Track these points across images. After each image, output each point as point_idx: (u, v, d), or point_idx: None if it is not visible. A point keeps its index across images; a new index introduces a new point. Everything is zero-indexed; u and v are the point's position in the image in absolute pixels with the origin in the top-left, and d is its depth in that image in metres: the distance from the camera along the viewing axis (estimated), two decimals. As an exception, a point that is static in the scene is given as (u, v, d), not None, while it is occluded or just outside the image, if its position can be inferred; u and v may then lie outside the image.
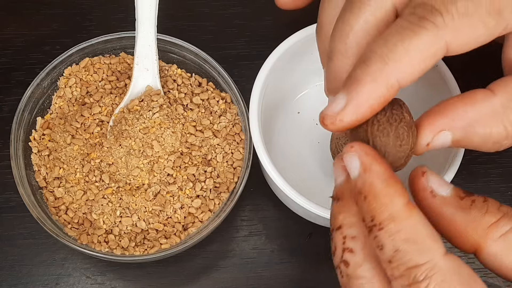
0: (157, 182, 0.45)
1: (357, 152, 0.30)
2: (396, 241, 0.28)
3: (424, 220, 0.28)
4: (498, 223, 0.29)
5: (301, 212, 0.45)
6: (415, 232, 0.28)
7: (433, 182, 0.30)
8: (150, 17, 0.46)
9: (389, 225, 0.28)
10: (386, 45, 0.28)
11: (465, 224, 0.29)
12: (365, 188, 0.29)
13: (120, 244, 0.44)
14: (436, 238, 0.28)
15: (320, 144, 0.48)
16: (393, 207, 0.28)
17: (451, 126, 0.31)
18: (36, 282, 0.47)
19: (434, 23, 0.28)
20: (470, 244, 0.29)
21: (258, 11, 0.55)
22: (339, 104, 0.29)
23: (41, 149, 0.46)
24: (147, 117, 0.45)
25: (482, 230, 0.29)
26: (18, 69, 0.52)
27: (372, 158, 0.29)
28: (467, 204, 0.30)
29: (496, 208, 0.29)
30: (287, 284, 0.47)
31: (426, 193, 0.30)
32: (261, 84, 0.43)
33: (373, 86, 0.28)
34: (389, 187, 0.29)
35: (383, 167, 0.29)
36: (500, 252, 0.29)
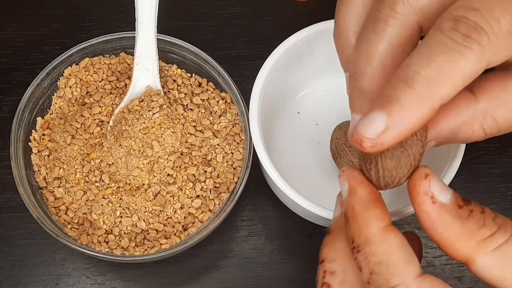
0: (157, 182, 0.45)
1: (346, 176, 0.31)
2: (371, 263, 0.29)
3: (400, 243, 0.29)
4: (493, 236, 0.29)
5: (301, 212, 0.45)
6: (388, 255, 0.29)
7: (434, 187, 0.30)
8: (150, 17, 0.46)
9: (365, 248, 0.29)
10: (431, 66, 0.27)
11: (461, 234, 0.29)
12: (348, 210, 0.30)
13: (120, 244, 0.44)
14: (410, 260, 0.29)
15: (320, 144, 0.48)
16: (369, 231, 0.29)
17: (436, 138, 0.32)
18: (36, 282, 0.47)
19: (480, 43, 0.27)
20: (462, 255, 0.29)
21: (258, 11, 0.55)
22: (379, 126, 0.28)
23: (41, 149, 0.46)
24: (147, 117, 0.45)
25: (477, 243, 0.29)
26: (18, 69, 0.52)
27: (357, 182, 0.30)
28: (465, 214, 0.29)
29: (492, 221, 0.29)
30: (287, 284, 0.47)
31: (426, 198, 0.30)
32: (261, 84, 0.43)
33: (418, 109, 0.27)
34: (368, 211, 0.30)
35: (367, 191, 0.30)
36: (492, 264, 0.29)
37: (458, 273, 0.47)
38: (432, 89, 0.27)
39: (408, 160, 0.30)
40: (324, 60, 0.48)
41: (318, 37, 0.45)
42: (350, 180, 0.31)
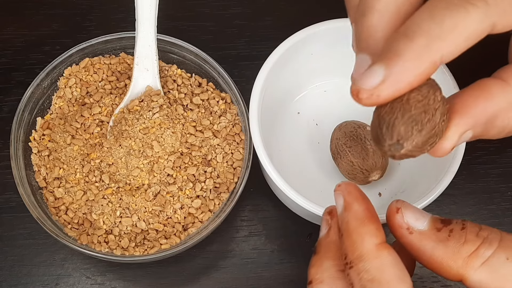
0: (157, 183, 0.45)
1: (342, 191, 0.31)
2: (363, 280, 0.29)
3: (393, 260, 0.29)
4: (477, 251, 0.29)
5: (301, 212, 0.45)
6: (381, 272, 0.28)
7: (409, 218, 0.30)
8: (150, 17, 0.46)
9: (358, 264, 0.29)
10: (433, 19, 0.26)
11: (445, 256, 0.29)
12: (343, 226, 0.30)
13: (120, 245, 0.44)
14: (403, 279, 0.28)
15: (320, 144, 0.48)
16: (363, 247, 0.29)
17: (473, 126, 0.30)
18: (36, 282, 0.47)
19: (486, 1, 0.26)
20: (453, 275, 0.29)
21: (258, 11, 0.55)
22: (377, 78, 0.27)
23: (41, 149, 0.46)
24: (147, 117, 0.45)
25: (462, 261, 0.29)
26: (18, 69, 0.52)
27: (354, 198, 0.30)
28: (444, 236, 0.30)
29: (474, 235, 0.29)
30: (287, 284, 0.47)
31: (403, 230, 0.30)
32: (261, 84, 0.43)
33: (417, 62, 0.27)
34: (363, 226, 0.29)
35: (363, 206, 0.30)
36: (485, 279, 0.29)
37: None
38: (432, 43, 0.26)
39: (428, 118, 0.28)
40: (324, 60, 0.48)
41: (318, 37, 0.45)
42: (346, 195, 0.30)
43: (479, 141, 0.51)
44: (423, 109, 0.28)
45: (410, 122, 0.28)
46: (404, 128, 0.28)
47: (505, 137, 0.32)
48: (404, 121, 0.28)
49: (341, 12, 0.45)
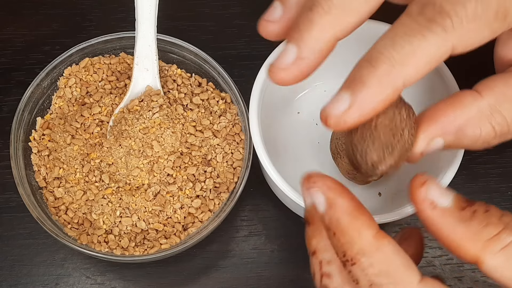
0: (157, 182, 0.45)
1: (320, 188, 0.29)
2: (369, 275, 0.28)
3: (395, 248, 0.28)
4: (499, 236, 0.28)
5: (301, 212, 0.45)
6: (386, 263, 0.28)
7: (433, 193, 0.29)
8: (150, 17, 0.46)
9: (360, 260, 0.28)
10: (394, 47, 0.28)
11: (465, 236, 0.29)
12: (332, 224, 0.29)
13: (120, 244, 0.44)
14: (409, 265, 0.28)
15: (320, 144, 0.48)
16: (361, 241, 0.28)
17: (443, 133, 0.31)
18: (36, 282, 0.47)
19: (443, 27, 0.27)
20: (470, 256, 0.29)
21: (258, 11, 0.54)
22: (343, 104, 0.28)
23: (41, 149, 0.46)
24: (147, 117, 0.45)
25: (482, 243, 0.28)
26: (18, 69, 0.52)
27: (336, 193, 0.29)
28: (467, 216, 0.29)
29: (497, 219, 0.29)
30: (287, 284, 0.47)
31: (426, 205, 0.29)
32: (261, 84, 0.43)
33: (380, 88, 0.28)
34: (356, 220, 0.29)
35: (347, 199, 0.29)
36: (501, 265, 0.28)
37: (458, 273, 0.47)
38: (394, 69, 0.27)
39: (397, 139, 0.29)
40: (324, 60, 0.48)
41: (318, 37, 0.45)
42: (326, 191, 0.29)
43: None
44: (391, 132, 0.29)
45: (381, 148, 0.29)
46: (377, 155, 0.29)
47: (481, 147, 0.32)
48: (375, 148, 0.29)
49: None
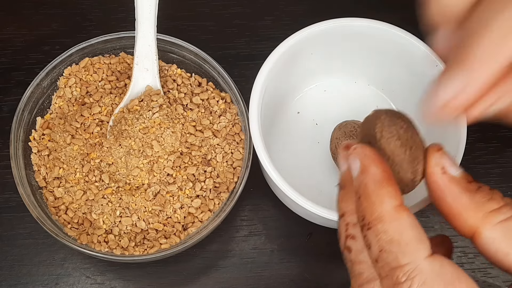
0: (157, 182, 0.45)
1: (358, 154, 0.30)
2: (381, 241, 0.29)
3: (413, 222, 0.29)
4: (499, 209, 0.29)
5: (301, 212, 0.45)
6: (400, 233, 0.28)
7: (446, 161, 0.30)
8: (150, 17, 0.46)
9: (376, 225, 0.29)
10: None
11: (468, 205, 0.29)
12: (360, 188, 0.30)
13: (120, 244, 0.44)
14: (422, 240, 0.29)
15: (320, 144, 0.48)
16: (382, 208, 0.29)
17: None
18: (36, 282, 0.47)
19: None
20: (468, 227, 0.29)
21: (258, 11, 0.55)
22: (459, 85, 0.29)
23: (41, 149, 0.46)
24: (147, 117, 0.45)
25: (483, 214, 0.29)
26: (18, 69, 0.52)
27: (371, 160, 0.30)
28: (473, 188, 0.30)
29: (500, 197, 0.30)
30: (287, 284, 0.47)
31: (436, 168, 0.30)
32: (261, 84, 0.43)
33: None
34: (382, 188, 0.29)
35: (380, 169, 0.30)
36: (498, 237, 0.29)
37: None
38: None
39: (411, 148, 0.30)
40: (324, 60, 0.48)
41: (318, 37, 0.45)
42: (362, 158, 0.30)
43: (479, 140, 0.51)
44: (408, 146, 0.30)
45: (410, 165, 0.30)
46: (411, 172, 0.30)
47: (505, 135, 0.32)
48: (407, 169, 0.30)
49: (341, 12, 0.45)
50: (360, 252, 0.30)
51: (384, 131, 0.30)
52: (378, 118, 0.30)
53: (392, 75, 0.48)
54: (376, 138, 0.30)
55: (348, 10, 0.45)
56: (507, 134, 0.51)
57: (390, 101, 0.49)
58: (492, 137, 0.51)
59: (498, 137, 0.51)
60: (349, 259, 0.31)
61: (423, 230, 0.29)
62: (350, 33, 0.45)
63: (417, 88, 0.46)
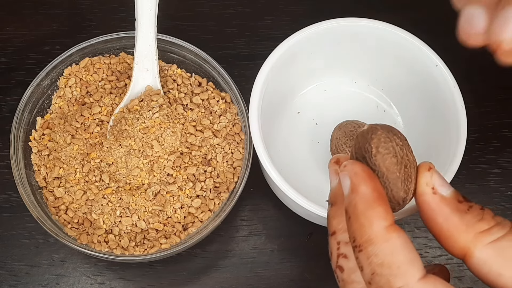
0: (157, 182, 0.45)
1: (348, 172, 0.30)
2: (373, 264, 0.28)
3: (403, 242, 0.28)
4: (490, 230, 0.29)
5: (301, 212, 0.45)
6: (391, 256, 0.28)
7: (436, 180, 0.30)
8: (150, 17, 0.46)
9: (367, 248, 0.28)
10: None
11: (459, 225, 0.29)
12: (349, 208, 0.29)
13: (120, 244, 0.44)
14: (414, 261, 0.28)
15: (320, 144, 0.48)
16: (372, 230, 0.28)
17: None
18: (36, 282, 0.47)
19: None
20: (460, 248, 0.29)
21: (258, 11, 0.55)
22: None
23: (41, 149, 0.46)
24: (147, 117, 0.45)
25: (474, 235, 0.29)
26: (18, 69, 0.52)
27: (361, 179, 0.29)
28: (464, 208, 0.30)
29: (491, 217, 0.29)
30: (287, 284, 0.47)
31: (427, 188, 0.30)
32: (261, 84, 0.43)
33: None
34: (371, 209, 0.29)
35: (370, 188, 0.29)
36: (490, 258, 0.29)
37: (458, 273, 0.47)
38: None
39: (405, 167, 0.30)
40: (324, 60, 0.48)
41: (318, 37, 0.45)
42: (352, 176, 0.30)
43: (479, 140, 0.51)
44: (402, 165, 0.30)
45: (403, 183, 0.30)
46: (403, 191, 0.30)
47: (505, 135, 0.32)
48: (400, 187, 0.30)
49: (341, 12, 0.45)
50: (353, 271, 0.30)
51: (380, 147, 0.30)
52: (374, 133, 0.30)
53: (392, 75, 0.48)
54: (372, 153, 0.30)
55: (348, 10, 0.45)
56: (507, 134, 0.51)
57: (390, 101, 0.49)
58: (492, 137, 0.51)
59: (498, 137, 0.51)
60: (341, 279, 0.31)
61: (415, 250, 0.29)
62: (350, 33, 0.45)
63: (417, 88, 0.46)
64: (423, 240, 0.48)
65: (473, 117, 0.44)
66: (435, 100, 0.45)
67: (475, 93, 0.51)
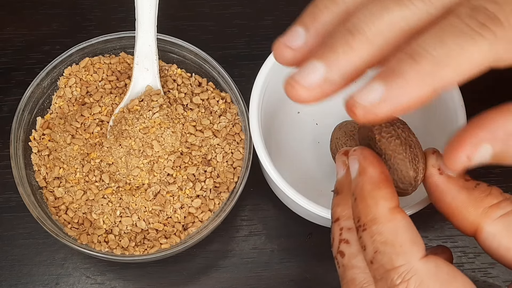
0: (157, 182, 0.45)
1: (357, 156, 0.31)
2: (376, 242, 0.29)
3: (407, 224, 0.29)
4: (499, 204, 0.29)
5: (301, 212, 0.45)
6: (394, 235, 0.28)
7: (442, 162, 0.31)
8: (150, 17, 0.46)
9: (371, 227, 0.29)
10: (442, 46, 0.26)
11: (467, 202, 0.30)
12: (356, 190, 0.30)
13: (120, 244, 0.44)
14: (416, 242, 0.29)
15: (320, 144, 0.48)
16: (377, 210, 0.29)
17: (491, 138, 0.29)
18: (36, 282, 0.47)
19: (494, 33, 0.26)
20: (470, 224, 0.30)
21: (258, 11, 0.55)
22: (375, 95, 0.27)
23: (41, 149, 0.46)
24: (147, 117, 0.45)
25: (483, 209, 0.29)
26: (18, 69, 0.52)
27: (369, 162, 0.30)
28: (471, 185, 0.30)
29: (499, 193, 0.30)
30: (287, 284, 0.47)
31: (434, 170, 0.31)
32: (261, 84, 0.43)
33: (419, 85, 0.26)
34: (378, 190, 0.29)
35: (378, 171, 0.30)
36: (499, 232, 0.29)
37: (458, 273, 0.47)
38: (437, 68, 0.26)
39: (410, 147, 0.30)
40: (324, 60, 0.47)
41: (318, 37, 0.45)
42: (361, 160, 0.30)
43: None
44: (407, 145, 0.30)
45: (412, 163, 0.30)
46: (413, 170, 0.31)
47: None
48: (409, 168, 0.30)
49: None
50: (354, 256, 0.30)
51: (383, 131, 0.30)
52: None
53: (392, 75, 0.48)
54: (376, 139, 0.30)
55: (348, 10, 0.45)
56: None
57: (390, 101, 0.49)
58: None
59: (498, 137, 0.51)
60: (341, 264, 0.31)
61: (417, 232, 0.29)
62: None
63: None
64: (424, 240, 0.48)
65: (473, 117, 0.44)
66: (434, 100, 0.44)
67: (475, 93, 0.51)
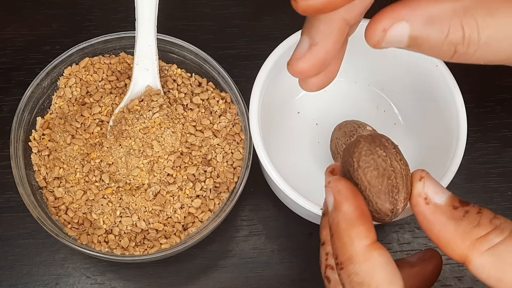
0: (157, 182, 0.45)
1: (332, 189, 0.30)
2: (353, 283, 0.29)
3: (384, 261, 0.29)
4: (487, 236, 0.29)
5: (301, 212, 0.45)
6: (370, 275, 0.28)
7: (429, 189, 0.30)
8: (150, 17, 0.46)
9: (348, 266, 0.29)
10: None
11: (455, 234, 0.29)
12: (333, 226, 0.30)
13: (120, 244, 0.44)
14: (393, 281, 0.28)
15: (320, 144, 0.48)
16: (353, 249, 0.29)
17: (411, 17, 0.27)
18: (36, 282, 0.47)
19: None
20: (458, 255, 0.29)
21: (258, 11, 0.55)
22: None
23: (41, 149, 0.46)
24: (147, 117, 0.45)
25: (470, 242, 0.29)
26: (18, 69, 0.52)
27: (343, 197, 0.29)
28: (459, 215, 0.29)
29: (488, 221, 0.29)
30: (287, 284, 0.47)
31: (420, 199, 0.30)
32: (261, 84, 0.43)
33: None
34: (352, 228, 0.29)
35: (353, 206, 0.29)
36: (487, 265, 0.29)
37: (458, 273, 0.47)
38: None
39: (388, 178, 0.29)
40: (324, 60, 0.47)
41: (318, 37, 0.45)
42: (335, 194, 0.30)
43: (479, 140, 0.51)
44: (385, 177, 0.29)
45: (388, 195, 0.30)
46: (389, 203, 0.30)
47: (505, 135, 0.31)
48: (384, 200, 0.30)
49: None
50: (339, 283, 0.30)
51: (361, 161, 0.29)
52: (356, 146, 0.30)
53: (392, 75, 0.48)
54: (354, 167, 0.30)
55: (348, 10, 0.45)
56: (507, 134, 0.51)
57: (390, 101, 0.49)
58: (492, 137, 0.51)
59: (498, 137, 0.51)
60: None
61: (396, 269, 0.29)
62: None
63: (417, 88, 0.46)
64: (423, 240, 0.48)
65: (473, 117, 0.44)
66: (435, 100, 0.45)
67: (475, 93, 0.51)
